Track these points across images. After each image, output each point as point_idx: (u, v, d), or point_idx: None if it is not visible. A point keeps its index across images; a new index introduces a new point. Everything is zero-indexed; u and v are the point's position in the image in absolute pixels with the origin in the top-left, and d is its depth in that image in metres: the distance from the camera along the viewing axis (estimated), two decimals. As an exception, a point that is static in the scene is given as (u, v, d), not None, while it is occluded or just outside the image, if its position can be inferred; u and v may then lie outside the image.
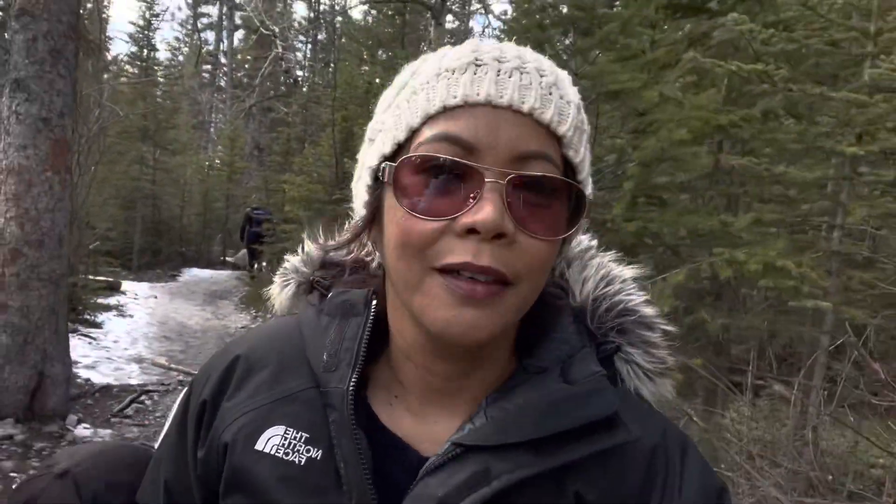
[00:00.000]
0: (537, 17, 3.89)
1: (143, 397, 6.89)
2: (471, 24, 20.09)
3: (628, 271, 0.79)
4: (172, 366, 8.41)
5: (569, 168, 0.67)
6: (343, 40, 16.78)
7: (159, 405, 6.83)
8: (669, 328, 0.77)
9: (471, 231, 0.61)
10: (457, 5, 18.35)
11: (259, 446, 0.69)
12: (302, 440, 0.69)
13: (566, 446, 0.66)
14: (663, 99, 3.47)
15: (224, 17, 32.23)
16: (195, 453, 0.76)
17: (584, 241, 0.81)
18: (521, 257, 0.62)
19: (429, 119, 0.64)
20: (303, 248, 0.86)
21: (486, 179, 0.61)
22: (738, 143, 4.33)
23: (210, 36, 33.00)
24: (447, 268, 0.62)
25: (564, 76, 0.68)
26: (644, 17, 3.97)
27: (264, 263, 17.20)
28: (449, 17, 17.44)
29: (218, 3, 33.02)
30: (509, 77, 0.64)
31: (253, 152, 25.09)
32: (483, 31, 19.27)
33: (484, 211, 0.60)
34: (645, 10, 3.94)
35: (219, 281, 17.98)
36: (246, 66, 30.10)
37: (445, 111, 0.64)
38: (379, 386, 0.75)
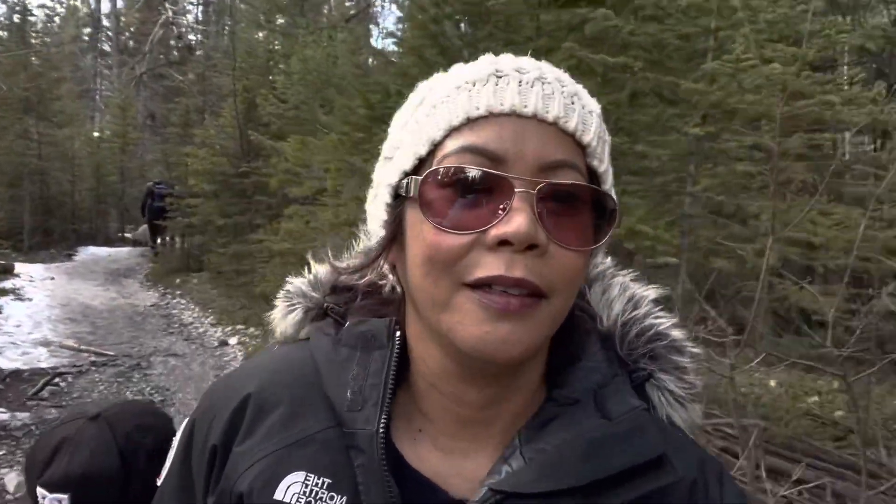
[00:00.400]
0: (432, 11, 4.24)
1: (56, 380, 6.89)
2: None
3: (651, 292, 0.76)
4: (83, 347, 8.34)
5: (593, 178, 0.66)
6: (239, 4, 16.29)
7: (74, 386, 6.86)
8: (698, 351, 0.74)
9: (502, 243, 0.59)
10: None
11: (279, 495, 0.64)
12: (324, 486, 0.64)
13: (612, 490, 0.63)
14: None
15: (104, -25, 30.04)
16: (203, 500, 0.71)
17: (600, 260, 0.78)
18: (554, 269, 0.60)
19: (452, 131, 0.62)
20: (309, 269, 0.80)
21: (515, 189, 0.59)
22: (610, 123, 4.91)
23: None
24: (479, 282, 0.59)
25: (582, 89, 0.67)
26: (529, 5, 4.42)
27: (168, 238, 16.77)
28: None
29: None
30: (531, 87, 0.62)
31: (146, 122, 23.96)
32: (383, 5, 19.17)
33: (515, 221, 0.58)
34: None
35: (119, 259, 17.33)
36: (132, 28, 28.38)
37: (469, 122, 0.62)
38: (401, 419, 0.70)
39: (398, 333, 0.70)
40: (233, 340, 9.38)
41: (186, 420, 0.78)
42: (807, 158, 5.59)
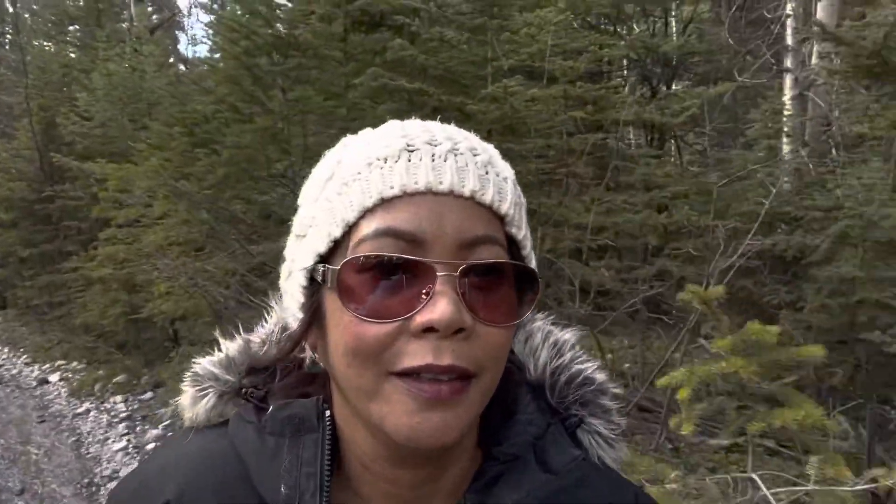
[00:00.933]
0: (243, 44, 4.50)
1: None
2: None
3: (571, 335, 0.76)
4: None
5: (513, 245, 0.65)
6: (24, 14, 14.94)
7: None
8: (619, 391, 0.75)
9: (428, 330, 0.57)
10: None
11: None
12: None
13: None
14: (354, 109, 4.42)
15: None
16: None
17: None
18: (481, 348, 0.60)
19: (366, 212, 0.60)
20: (219, 348, 0.75)
21: (437, 273, 0.58)
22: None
23: None
24: (407, 371, 0.58)
25: (494, 152, 0.67)
26: (333, 34, 4.86)
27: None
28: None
29: None
30: (444, 161, 0.61)
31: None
32: (189, 12, 18.46)
33: (440, 307, 0.57)
34: (334, 29, 4.83)
35: None
36: None
37: (384, 202, 0.60)
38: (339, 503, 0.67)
39: (328, 413, 0.67)
40: (54, 377, 8.78)
41: None
42: (592, 154, 6.64)
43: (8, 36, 21.02)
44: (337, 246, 0.62)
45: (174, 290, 6.49)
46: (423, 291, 0.58)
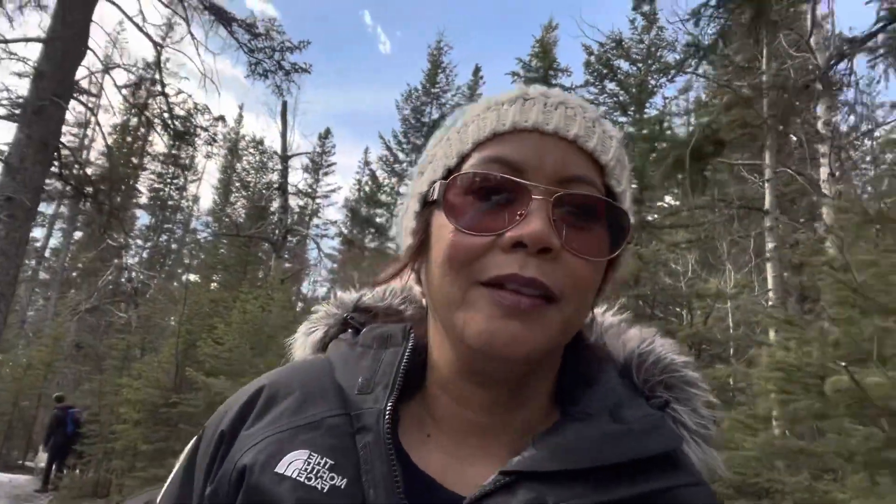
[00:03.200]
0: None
1: None
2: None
3: (665, 339, 0.78)
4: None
5: (611, 196, 0.69)
6: (192, 261, 19.25)
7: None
8: (712, 398, 0.74)
9: (517, 245, 0.62)
10: (292, 243, 21.92)
11: (280, 469, 0.65)
12: (326, 466, 0.64)
13: (625, 481, 0.62)
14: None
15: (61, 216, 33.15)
16: (202, 493, 0.71)
17: (614, 318, 0.82)
18: (566, 274, 0.63)
19: (479, 145, 0.68)
20: (334, 295, 0.86)
21: (533, 196, 0.63)
22: None
23: (38, 231, 33.40)
24: (493, 281, 0.63)
25: (607, 121, 0.72)
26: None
27: (70, 468, 17.13)
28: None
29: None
30: (555, 109, 0.69)
31: (71, 351, 25.10)
32: (317, 264, 22.72)
33: (531, 225, 0.61)
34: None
35: (19, 485, 17.33)
36: (80, 265, 30.76)
37: (495, 137, 0.68)
38: (412, 424, 0.71)
39: (412, 334, 0.74)
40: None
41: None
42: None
43: (172, 275, 26.14)
44: (451, 174, 0.69)
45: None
46: (519, 212, 0.63)
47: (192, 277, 20.18)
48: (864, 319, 3.77)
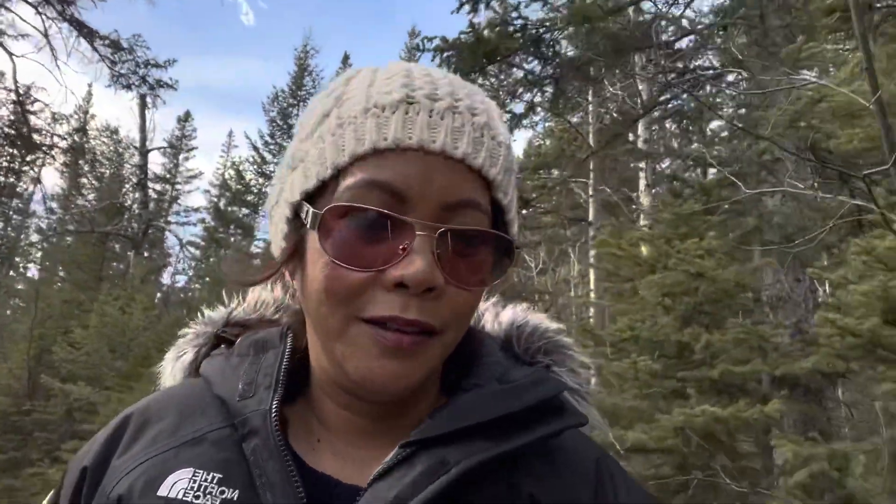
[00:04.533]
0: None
1: None
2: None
3: (537, 314, 0.79)
4: None
5: (497, 210, 0.67)
6: (37, 254, 18.33)
7: None
8: (586, 359, 0.78)
9: (400, 285, 0.60)
10: (154, 233, 21.34)
11: (163, 492, 0.61)
12: (214, 481, 0.61)
13: (520, 430, 0.64)
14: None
15: None
16: None
17: (484, 304, 0.81)
18: (449, 307, 0.62)
19: (357, 160, 0.62)
20: (201, 314, 0.81)
21: (416, 232, 0.60)
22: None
23: None
24: (374, 320, 0.60)
25: (495, 112, 0.67)
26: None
27: None
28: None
29: None
30: (441, 119, 0.62)
31: None
32: (179, 257, 22.31)
33: (414, 265, 0.59)
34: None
35: None
36: None
37: (375, 153, 0.61)
38: (299, 428, 0.69)
39: (290, 336, 0.72)
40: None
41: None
42: None
43: (20, 269, 24.38)
44: (324, 187, 0.63)
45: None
46: (401, 247, 0.60)
47: (34, 274, 19.18)
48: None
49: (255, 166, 20.75)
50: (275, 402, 0.65)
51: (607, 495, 0.67)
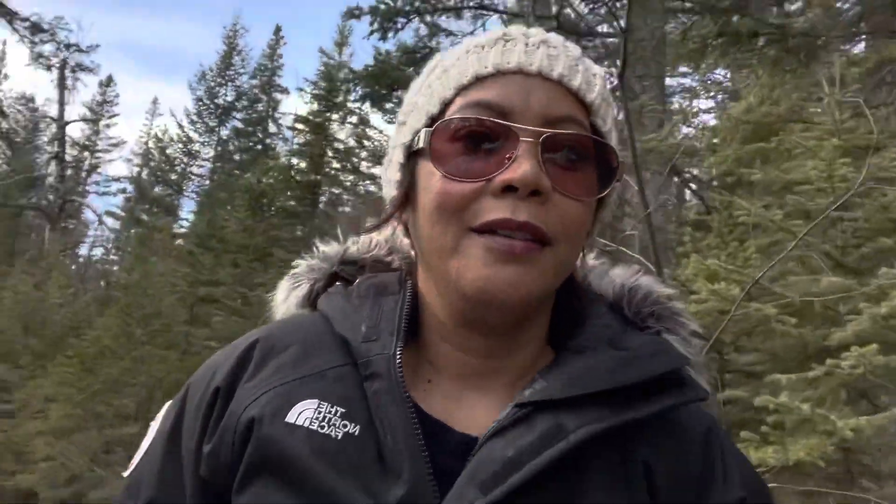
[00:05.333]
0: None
1: None
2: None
3: (647, 277, 0.78)
4: None
5: (597, 135, 0.68)
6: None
7: None
8: (697, 327, 0.75)
9: (508, 189, 0.62)
10: (71, 207, 20.80)
11: (290, 419, 0.64)
12: (337, 414, 0.64)
13: (639, 401, 0.64)
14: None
15: None
16: (197, 453, 0.68)
17: (595, 261, 0.81)
18: (557, 216, 0.63)
19: (462, 90, 0.67)
20: (316, 249, 0.83)
21: (521, 139, 0.62)
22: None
23: None
24: (485, 227, 0.62)
25: (589, 59, 0.71)
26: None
27: None
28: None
29: None
30: (537, 48, 0.67)
31: None
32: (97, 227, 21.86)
33: (521, 168, 0.61)
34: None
35: None
36: None
37: (478, 81, 0.66)
38: (411, 371, 0.70)
39: (409, 283, 0.74)
40: None
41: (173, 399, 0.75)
42: None
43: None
44: (433, 122, 0.68)
45: (47, 464, 8.82)
46: (507, 156, 0.62)
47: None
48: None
49: (181, 144, 20.46)
50: (398, 349, 0.66)
51: (715, 467, 0.67)
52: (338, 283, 0.78)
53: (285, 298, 0.80)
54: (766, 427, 3.58)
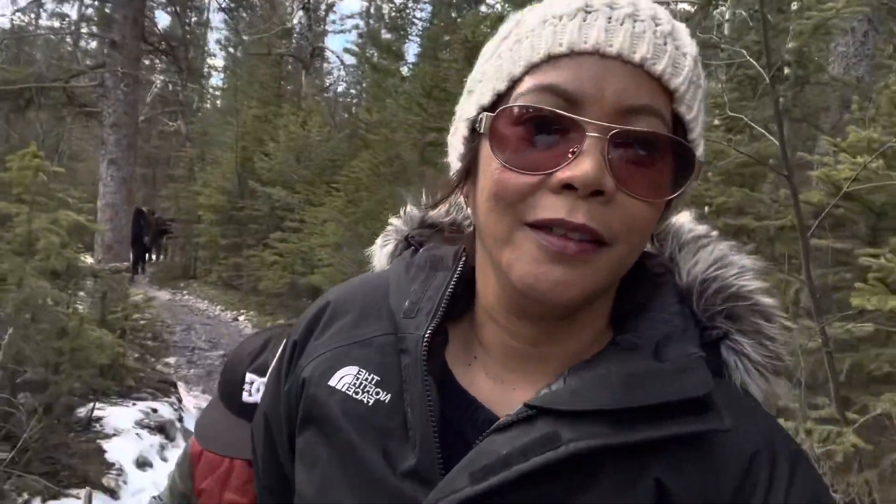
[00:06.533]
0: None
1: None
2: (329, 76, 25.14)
3: (748, 260, 0.71)
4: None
5: (679, 125, 0.62)
6: (237, 81, 21.51)
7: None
8: (789, 324, 0.69)
9: (567, 187, 0.57)
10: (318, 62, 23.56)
11: (332, 382, 0.71)
12: (373, 382, 0.69)
13: (646, 423, 0.60)
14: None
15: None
16: (281, 389, 0.80)
17: (700, 228, 0.74)
18: (619, 217, 0.59)
19: (532, 68, 0.61)
20: (404, 210, 0.87)
21: (587, 134, 0.57)
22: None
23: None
24: (540, 223, 0.59)
25: (682, 27, 0.63)
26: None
27: (160, 255, 21.18)
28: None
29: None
30: (621, 24, 0.59)
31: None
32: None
33: (582, 166, 0.56)
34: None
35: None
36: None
37: (550, 60, 0.60)
38: (459, 346, 0.72)
39: (463, 259, 0.74)
40: (241, 318, 14.49)
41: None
42: None
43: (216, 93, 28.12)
44: (500, 99, 0.63)
45: (328, 268, 11.71)
46: (571, 150, 0.58)
47: (217, 88, 22.39)
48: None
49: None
50: (429, 331, 0.68)
51: (754, 494, 0.60)
52: (411, 248, 0.82)
53: (379, 255, 0.87)
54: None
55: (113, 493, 4.47)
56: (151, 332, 7.90)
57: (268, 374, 0.93)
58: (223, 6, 16.84)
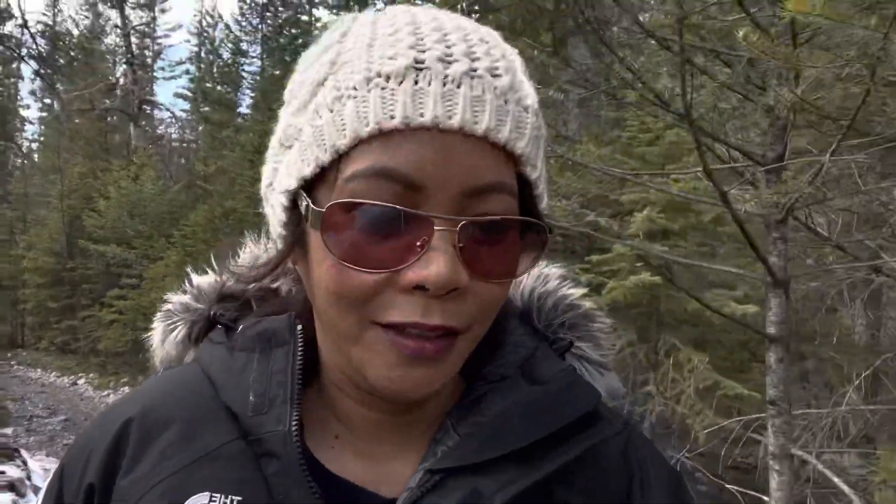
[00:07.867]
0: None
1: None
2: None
3: (555, 269, 0.73)
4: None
5: (525, 187, 0.58)
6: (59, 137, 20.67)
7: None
8: (608, 320, 0.72)
9: (418, 287, 0.52)
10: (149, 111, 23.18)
11: None
12: None
13: (555, 449, 0.59)
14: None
15: None
16: None
17: None
18: (475, 304, 0.55)
19: (360, 142, 0.52)
20: (190, 282, 0.72)
21: (434, 227, 0.52)
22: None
23: None
24: (392, 325, 0.54)
25: (517, 65, 0.57)
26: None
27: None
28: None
29: None
30: (458, 87, 0.52)
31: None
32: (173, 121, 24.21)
33: (434, 265, 0.51)
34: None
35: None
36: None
37: (381, 135, 0.52)
38: (315, 425, 0.64)
39: (300, 327, 0.64)
40: (81, 381, 14.07)
41: (54, 470, 0.67)
42: None
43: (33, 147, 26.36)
44: (324, 173, 0.55)
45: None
46: (418, 243, 0.52)
47: (34, 145, 21.51)
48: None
49: (231, 45, 21.95)
50: (294, 421, 0.59)
51: (634, 494, 0.63)
52: (219, 328, 0.69)
53: (162, 342, 0.72)
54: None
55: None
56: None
57: None
58: (34, 54, 16.40)
